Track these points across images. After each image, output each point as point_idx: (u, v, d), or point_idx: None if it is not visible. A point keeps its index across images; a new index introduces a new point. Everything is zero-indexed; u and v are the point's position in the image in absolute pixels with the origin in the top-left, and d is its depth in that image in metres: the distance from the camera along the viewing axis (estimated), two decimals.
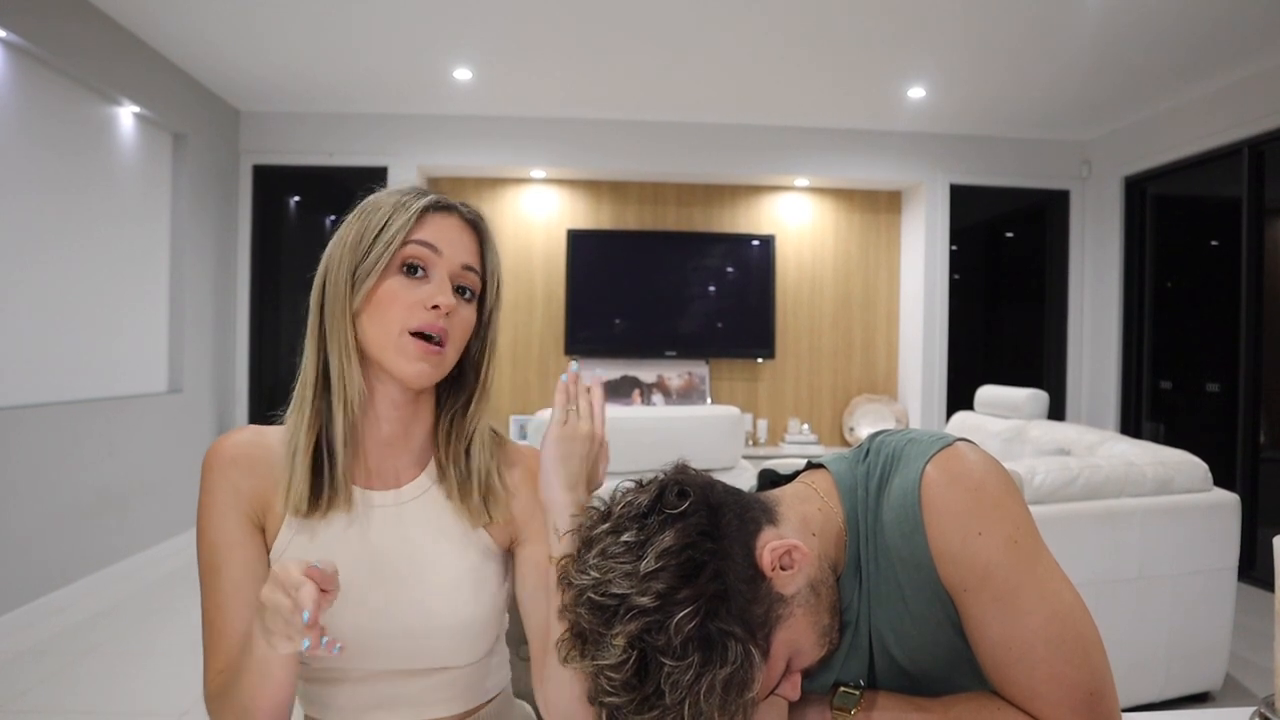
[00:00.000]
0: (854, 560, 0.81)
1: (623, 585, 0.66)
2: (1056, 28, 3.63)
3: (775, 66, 4.21)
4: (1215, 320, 4.41)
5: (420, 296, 0.84)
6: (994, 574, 0.73)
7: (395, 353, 0.84)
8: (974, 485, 0.76)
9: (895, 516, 0.78)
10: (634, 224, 5.47)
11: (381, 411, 0.90)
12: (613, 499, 0.76)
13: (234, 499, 0.86)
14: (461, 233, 0.89)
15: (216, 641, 0.83)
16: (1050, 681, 0.72)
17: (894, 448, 0.82)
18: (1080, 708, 0.71)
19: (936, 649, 0.79)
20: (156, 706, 2.44)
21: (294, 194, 5.23)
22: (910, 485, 0.77)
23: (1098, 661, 0.72)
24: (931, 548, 0.76)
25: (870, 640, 0.82)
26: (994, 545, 0.74)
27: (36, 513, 3.18)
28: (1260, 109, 3.97)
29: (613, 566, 0.68)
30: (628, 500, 0.74)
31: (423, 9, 3.54)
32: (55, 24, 3.25)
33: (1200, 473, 2.44)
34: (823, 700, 0.80)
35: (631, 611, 0.65)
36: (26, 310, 3.23)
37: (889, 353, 5.67)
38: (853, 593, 0.81)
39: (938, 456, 0.77)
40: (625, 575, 0.67)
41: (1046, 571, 0.75)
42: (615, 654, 0.65)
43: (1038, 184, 5.40)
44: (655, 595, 0.65)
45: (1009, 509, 0.75)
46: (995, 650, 0.74)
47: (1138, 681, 2.36)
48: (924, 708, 0.78)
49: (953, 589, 0.76)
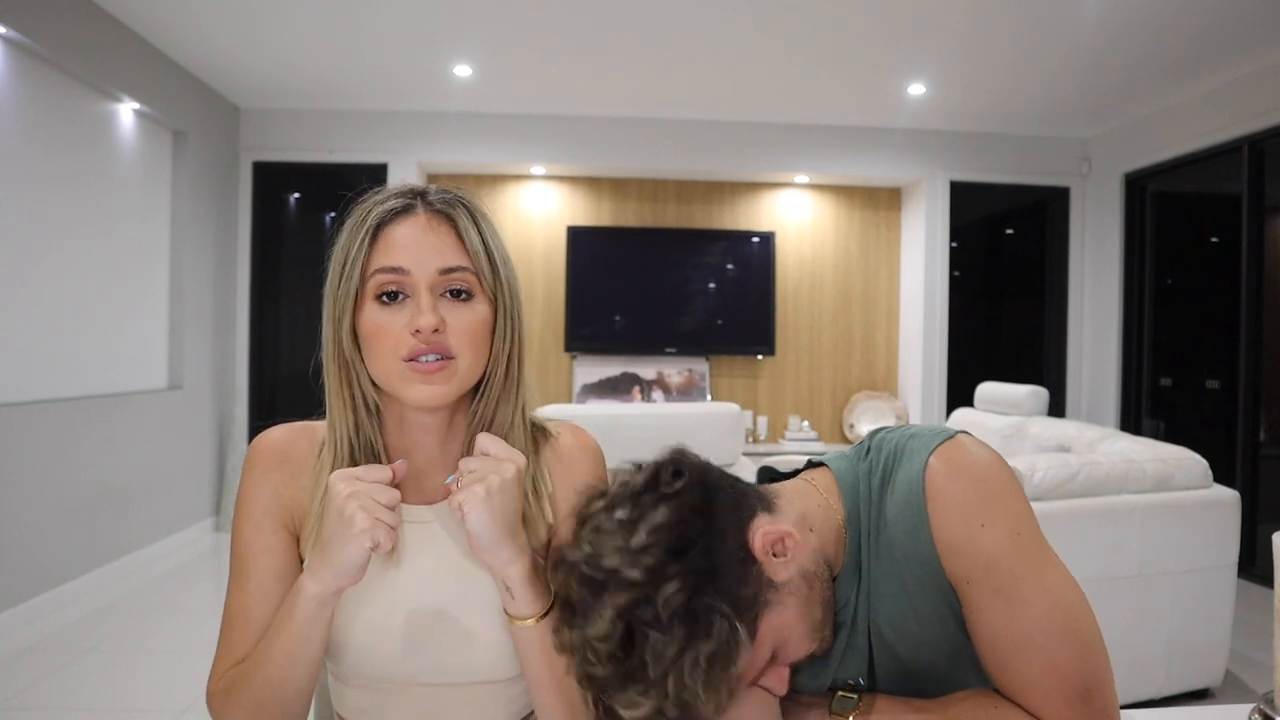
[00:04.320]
0: (854, 558, 0.81)
1: (613, 559, 0.67)
2: (1057, 24, 3.63)
3: (776, 63, 4.20)
4: (1215, 317, 4.41)
5: (401, 322, 0.78)
6: (996, 565, 0.74)
7: (399, 382, 0.79)
8: (978, 476, 0.76)
9: (899, 511, 0.78)
10: (634, 221, 5.47)
11: (415, 437, 0.86)
12: (611, 479, 0.77)
13: (273, 503, 0.84)
14: (430, 233, 0.80)
15: (232, 639, 0.82)
16: (1047, 673, 0.72)
17: (896, 443, 0.82)
18: (1075, 700, 0.71)
19: (939, 645, 0.79)
20: (156, 704, 2.45)
21: (294, 191, 5.22)
22: (914, 478, 0.77)
23: (1096, 655, 0.73)
24: (936, 540, 0.76)
25: (870, 639, 0.82)
26: (997, 537, 0.74)
27: (36, 510, 3.18)
28: (1260, 106, 3.97)
29: (604, 541, 0.68)
30: (624, 479, 0.75)
31: (423, 6, 3.53)
32: (55, 20, 3.24)
33: (1200, 469, 2.44)
34: (821, 704, 0.80)
35: (621, 584, 0.66)
36: (27, 307, 3.23)
37: (889, 349, 5.67)
38: (850, 591, 0.81)
39: (941, 448, 0.78)
40: (616, 550, 0.67)
41: (1048, 564, 0.75)
42: (603, 626, 0.66)
43: (1038, 181, 5.40)
44: (645, 569, 0.66)
45: (1012, 501, 0.76)
46: (995, 641, 0.75)
47: (1137, 678, 2.36)
48: (922, 709, 0.77)
49: (956, 581, 0.76)
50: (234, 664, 0.81)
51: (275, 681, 0.77)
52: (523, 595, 0.78)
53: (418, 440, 0.86)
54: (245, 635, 0.81)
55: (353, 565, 0.73)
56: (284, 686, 0.77)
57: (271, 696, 0.77)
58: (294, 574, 0.84)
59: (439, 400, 0.80)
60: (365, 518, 0.71)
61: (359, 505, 0.71)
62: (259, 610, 0.82)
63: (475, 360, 0.82)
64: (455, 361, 0.80)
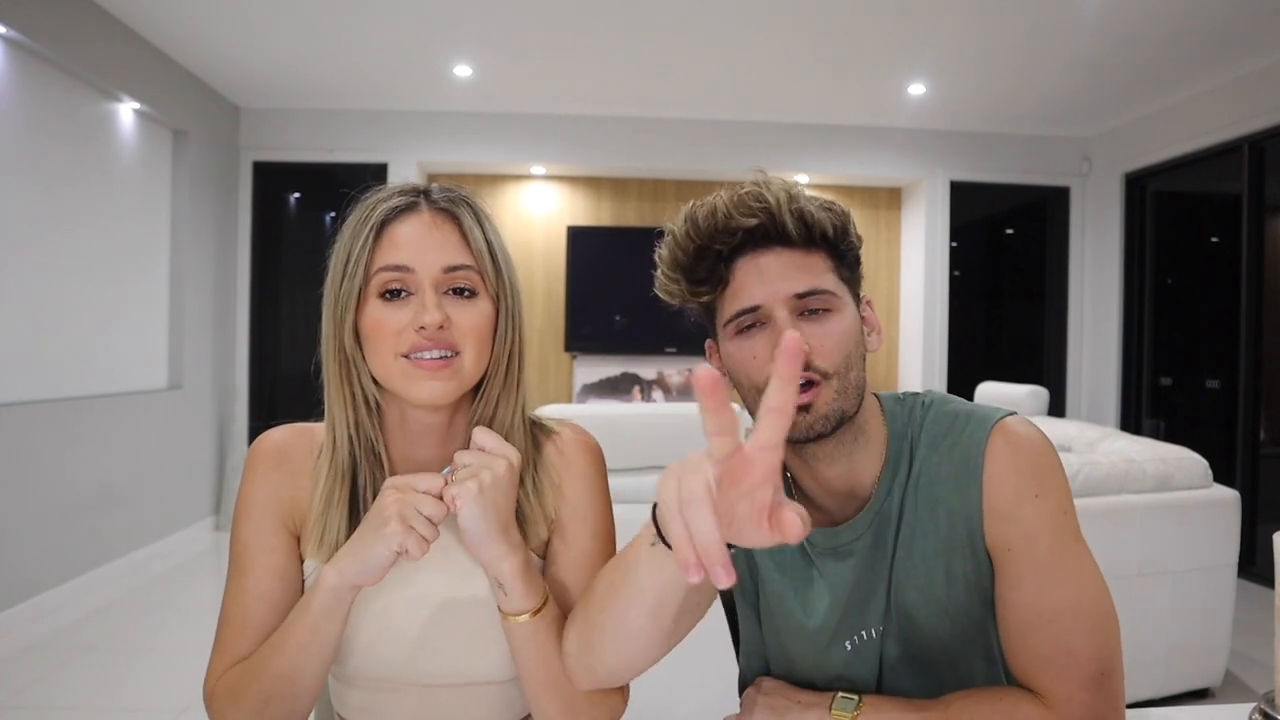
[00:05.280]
0: (885, 483, 0.84)
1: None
2: (1057, 25, 3.63)
3: (776, 63, 4.20)
4: (1215, 316, 4.41)
5: (405, 319, 0.78)
6: (1039, 537, 0.77)
7: (401, 380, 0.79)
8: (1039, 453, 0.80)
9: (954, 470, 0.81)
10: (634, 220, 5.47)
11: (416, 436, 0.86)
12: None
13: (273, 504, 0.84)
14: (435, 230, 0.80)
15: (228, 639, 0.82)
16: (1069, 653, 0.74)
17: (957, 408, 0.86)
18: (1090, 683, 0.73)
19: (957, 615, 0.81)
20: (155, 704, 2.44)
21: (294, 190, 5.23)
22: (977, 442, 0.80)
23: (1115, 643, 0.76)
24: (985, 501, 0.79)
25: (889, 593, 0.83)
26: (1046, 511, 0.77)
27: (36, 509, 3.18)
28: (1260, 105, 3.97)
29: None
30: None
31: (423, 6, 3.53)
32: (55, 20, 3.24)
33: (1200, 469, 2.44)
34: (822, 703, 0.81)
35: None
36: (26, 306, 3.23)
37: (889, 349, 5.67)
38: (864, 529, 0.84)
39: (1008, 420, 0.82)
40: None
41: (1083, 549, 0.78)
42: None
43: (1038, 180, 5.40)
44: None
45: (1062, 483, 0.80)
46: (1023, 614, 0.77)
47: (1138, 677, 2.36)
48: (923, 707, 0.78)
49: (995, 548, 0.79)
50: (231, 663, 0.81)
51: (286, 673, 0.77)
52: (515, 590, 0.77)
53: (418, 439, 0.86)
54: (242, 634, 0.81)
55: (376, 565, 0.73)
56: (294, 680, 0.77)
57: (280, 689, 0.77)
58: (292, 574, 0.84)
59: (442, 397, 0.79)
60: (400, 523, 0.71)
61: (399, 509, 0.72)
62: (256, 610, 0.82)
63: (478, 358, 0.81)
64: (460, 358, 0.79)
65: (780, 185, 0.80)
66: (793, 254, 0.79)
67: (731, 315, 0.81)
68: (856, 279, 0.85)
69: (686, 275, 0.83)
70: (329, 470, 0.83)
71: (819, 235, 0.79)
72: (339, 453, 0.83)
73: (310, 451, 0.87)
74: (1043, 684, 0.74)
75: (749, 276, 0.79)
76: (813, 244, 0.80)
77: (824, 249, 0.81)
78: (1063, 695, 0.73)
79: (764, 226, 0.78)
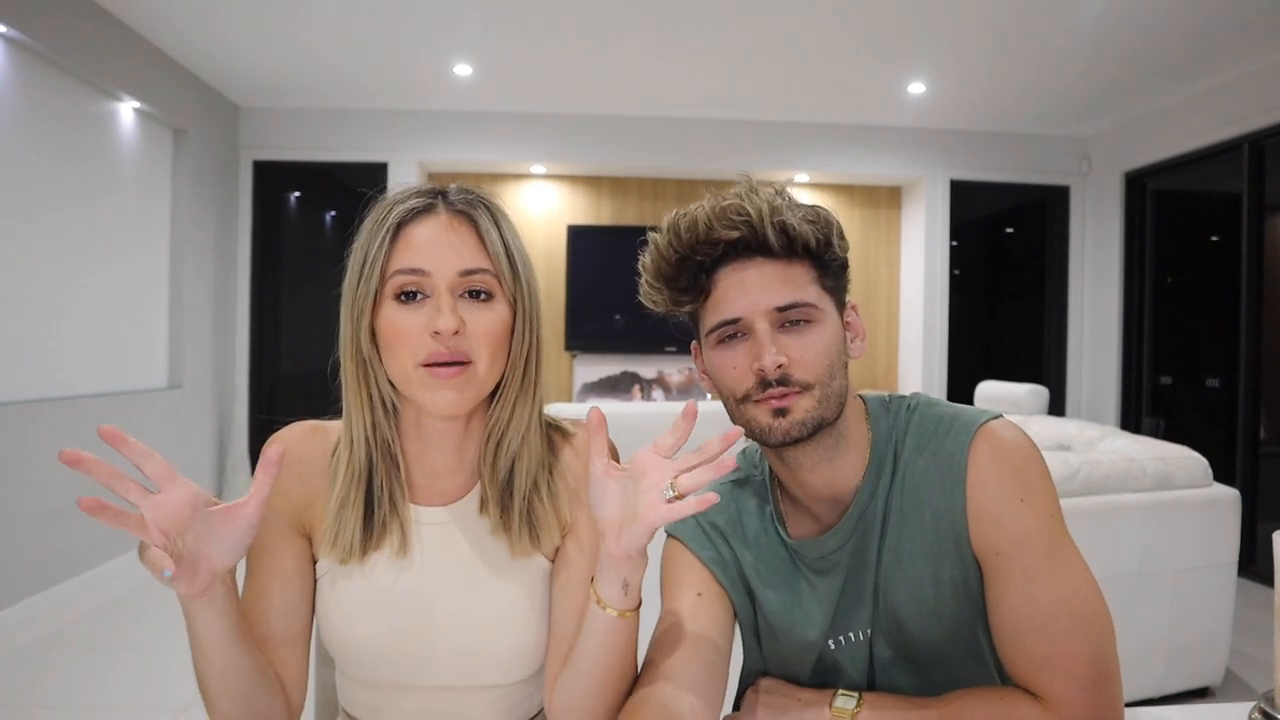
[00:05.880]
0: (869, 487, 0.85)
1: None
2: (1057, 23, 3.62)
3: (776, 62, 4.20)
4: (1215, 315, 4.41)
5: (420, 323, 0.77)
6: (1029, 541, 0.77)
7: (418, 387, 0.78)
8: (1023, 456, 0.80)
9: (939, 474, 0.81)
10: (634, 220, 5.47)
11: (432, 439, 0.85)
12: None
13: (281, 503, 0.84)
14: (452, 233, 0.79)
15: None
16: (1065, 655, 0.74)
17: (942, 412, 0.85)
18: (1088, 685, 0.73)
19: (945, 617, 0.81)
20: (156, 702, 2.45)
21: (294, 189, 5.22)
22: (960, 446, 0.80)
23: (1110, 645, 0.75)
24: (969, 506, 0.79)
25: (877, 596, 0.84)
26: (1034, 515, 0.77)
27: (36, 508, 3.18)
28: (1260, 104, 3.96)
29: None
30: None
31: (424, 5, 3.53)
32: (56, 19, 3.24)
33: (1200, 468, 2.44)
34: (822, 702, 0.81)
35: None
36: (26, 306, 3.23)
37: (889, 348, 5.67)
38: (849, 532, 0.85)
39: (990, 424, 0.81)
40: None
41: (1073, 551, 0.78)
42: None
43: (1038, 179, 5.40)
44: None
45: (1048, 486, 0.79)
46: (1016, 618, 0.76)
47: (1138, 676, 2.36)
48: (923, 705, 0.78)
49: (983, 552, 0.79)
50: None
51: (203, 683, 0.76)
52: (635, 590, 0.76)
53: (434, 442, 0.86)
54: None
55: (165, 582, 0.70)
56: (207, 686, 0.76)
57: (202, 683, 0.76)
58: (297, 573, 0.85)
59: (457, 407, 0.79)
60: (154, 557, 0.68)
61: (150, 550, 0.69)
62: (254, 607, 0.82)
63: (493, 364, 0.81)
64: (473, 366, 0.79)
65: (764, 195, 0.80)
66: (775, 265, 0.79)
67: (713, 326, 0.82)
68: (841, 287, 0.85)
69: (669, 285, 0.83)
70: (345, 471, 0.83)
71: (801, 247, 0.80)
72: (356, 453, 0.83)
73: (324, 451, 0.87)
74: (1041, 686, 0.74)
75: (731, 288, 0.80)
76: (795, 255, 0.80)
77: (806, 260, 0.81)
78: (1062, 696, 0.73)
79: (745, 239, 0.79)
